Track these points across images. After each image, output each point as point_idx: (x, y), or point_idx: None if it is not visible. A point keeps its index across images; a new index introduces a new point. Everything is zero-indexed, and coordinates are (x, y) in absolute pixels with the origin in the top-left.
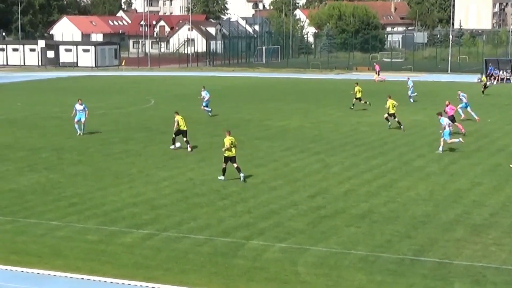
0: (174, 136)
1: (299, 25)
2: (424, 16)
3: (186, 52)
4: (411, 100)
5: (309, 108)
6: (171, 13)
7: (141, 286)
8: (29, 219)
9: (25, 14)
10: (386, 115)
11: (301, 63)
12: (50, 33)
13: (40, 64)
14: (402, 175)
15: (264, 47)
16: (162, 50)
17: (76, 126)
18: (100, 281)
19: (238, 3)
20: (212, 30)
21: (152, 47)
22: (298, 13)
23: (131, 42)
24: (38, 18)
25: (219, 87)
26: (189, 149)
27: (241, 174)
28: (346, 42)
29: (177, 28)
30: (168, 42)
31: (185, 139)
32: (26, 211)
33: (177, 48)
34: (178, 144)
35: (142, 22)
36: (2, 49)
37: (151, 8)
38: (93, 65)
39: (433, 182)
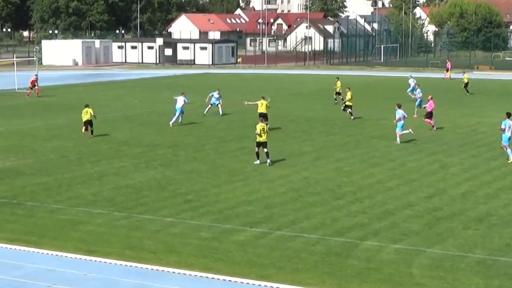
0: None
1: (418, 23)
2: None
3: (303, 50)
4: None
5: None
6: (289, 11)
7: (253, 284)
8: (144, 215)
9: (143, 12)
10: (343, 106)
11: (420, 62)
12: (168, 31)
13: (157, 61)
14: None
15: (382, 46)
16: (279, 48)
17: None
18: (213, 278)
19: (356, 1)
20: (330, 28)
21: (269, 45)
22: (418, 11)
23: (248, 40)
24: (156, 16)
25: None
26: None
27: (268, 160)
28: (467, 41)
29: (294, 26)
30: (285, 40)
31: (265, 149)
32: (142, 207)
33: (294, 46)
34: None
35: (260, 20)
36: (121, 47)
37: (269, 6)
38: (210, 63)
39: None
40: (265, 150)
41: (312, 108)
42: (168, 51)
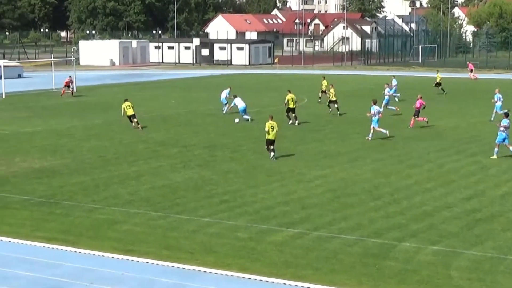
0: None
1: (457, 23)
2: None
3: (340, 50)
4: (396, 100)
5: (465, 108)
6: (326, 11)
7: (290, 285)
8: (181, 215)
9: (180, 12)
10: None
11: (458, 62)
12: (205, 31)
13: (194, 62)
14: None
15: (420, 46)
16: (316, 48)
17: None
18: (249, 278)
19: (394, 1)
20: (367, 28)
21: (306, 46)
22: (457, 11)
23: (285, 40)
24: (193, 17)
25: (374, 86)
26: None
27: (272, 153)
28: (506, 41)
29: (332, 26)
30: (322, 40)
31: (272, 147)
32: (178, 207)
33: (331, 46)
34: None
35: (297, 20)
36: (158, 47)
37: (306, 6)
38: (247, 63)
39: None
40: (271, 147)
41: (350, 109)
42: (205, 51)
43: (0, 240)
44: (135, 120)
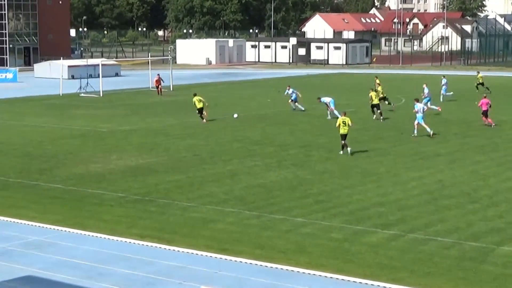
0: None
1: None
2: None
3: (439, 50)
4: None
5: None
6: (425, 10)
7: (384, 287)
8: (275, 214)
9: (278, 11)
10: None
11: None
12: (302, 30)
13: (290, 61)
14: None
15: None
16: (415, 48)
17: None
18: (343, 280)
19: (496, 0)
20: (467, 28)
21: (404, 45)
22: None
23: (383, 39)
24: (290, 16)
25: (473, 86)
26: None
27: (349, 149)
28: None
29: (431, 25)
30: (421, 40)
31: (343, 141)
32: (272, 206)
33: (430, 46)
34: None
35: (395, 20)
36: (255, 46)
37: (405, 6)
38: (344, 63)
39: None
40: (343, 142)
41: (448, 110)
42: (302, 51)
43: (96, 236)
44: (204, 113)
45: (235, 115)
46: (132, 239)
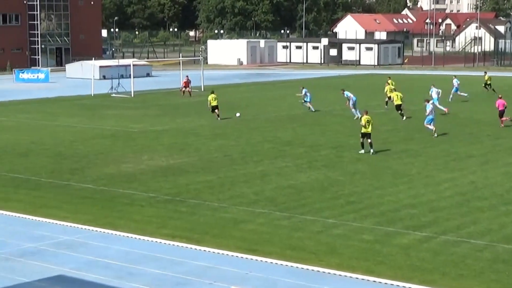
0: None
1: None
2: None
3: (472, 51)
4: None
5: None
6: (458, 10)
7: None
8: (306, 215)
9: (309, 12)
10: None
11: None
12: (334, 31)
13: (322, 61)
14: None
15: None
16: (447, 48)
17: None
18: (374, 281)
19: None
20: (501, 28)
21: (436, 46)
22: None
23: (415, 40)
24: (322, 16)
25: (506, 87)
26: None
27: (371, 150)
28: None
29: (464, 26)
30: (453, 40)
31: (369, 140)
32: (303, 207)
33: (463, 46)
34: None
35: (428, 20)
36: (286, 47)
37: (437, 6)
38: (375, 64)
39: None
40: (369, 140)
41: (481, 111)
42: (333, 51)
43: (126, 236)
44: (217, 111)
45: (238, 114)
46: (163, 239)
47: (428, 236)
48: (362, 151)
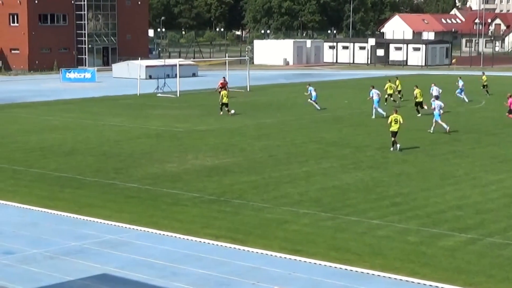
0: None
1: None
2: None
3: None
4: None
5: None
6: (508, 10)
7: None
8: (350, 216)
9: (356, 12)
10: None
11: None
12: (381, 31)
13: (369, 62)
14: None
15: None
16: (496, 49)
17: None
18: (419, 283)
19: None
20: None
21: (485, 46)
22: None
23: (463, 40)
24: (369, 16)
25: None
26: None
27: (398, 145)
28: None
29: None
30: (503, 40)
31: (393, 138)
32: (348, 208)
33: None
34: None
35: (477, 20)
36: (332, 47)
37: (487, 6)
38: (423, 64)
39: None
40: (392, 139)
41: None
42: (380, 52)
43: (170, 236)
44: (227, 108)
45: (232, 111)
46: (206, 239)
47: (474, 238)
48: (392, 149)
